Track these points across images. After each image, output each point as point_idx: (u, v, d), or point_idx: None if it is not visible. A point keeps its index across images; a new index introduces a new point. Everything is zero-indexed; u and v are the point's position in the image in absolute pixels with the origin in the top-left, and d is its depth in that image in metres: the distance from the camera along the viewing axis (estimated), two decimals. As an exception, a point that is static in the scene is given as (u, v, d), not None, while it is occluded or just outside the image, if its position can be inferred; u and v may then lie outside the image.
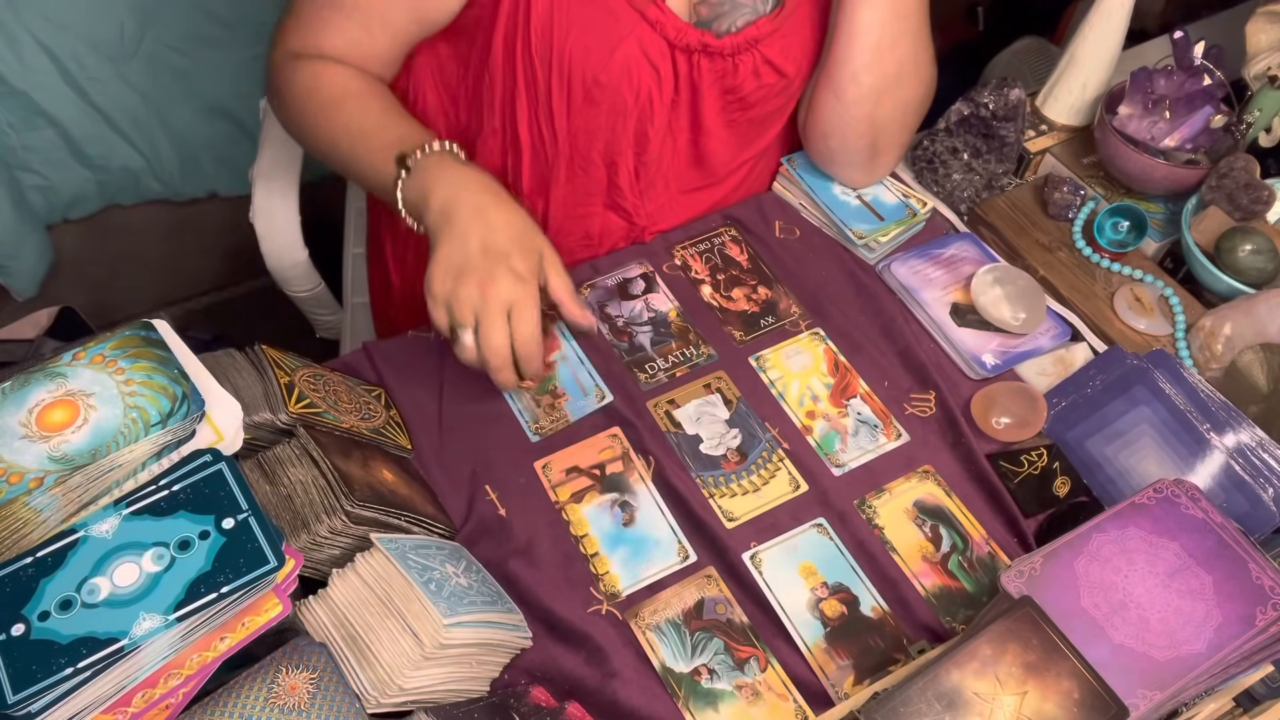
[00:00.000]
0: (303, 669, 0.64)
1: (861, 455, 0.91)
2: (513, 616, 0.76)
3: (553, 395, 0.93)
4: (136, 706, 0.60)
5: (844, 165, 1.05)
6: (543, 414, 0.92)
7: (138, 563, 0.62)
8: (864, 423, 0.93)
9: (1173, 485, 0.76)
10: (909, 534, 0.86)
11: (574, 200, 1.04)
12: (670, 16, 0.91)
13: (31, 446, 0.65)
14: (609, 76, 0.92)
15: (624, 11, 0.90)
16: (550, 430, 0.91)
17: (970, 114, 1.09)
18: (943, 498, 0.89)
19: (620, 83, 0.92)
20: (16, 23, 1.67)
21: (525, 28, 0.90)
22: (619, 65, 0.91)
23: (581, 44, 0.90)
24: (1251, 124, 1.07)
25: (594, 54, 0.91)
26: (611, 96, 0.94)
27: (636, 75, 0.93)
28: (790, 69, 0.98)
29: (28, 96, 1.74)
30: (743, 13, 0.94)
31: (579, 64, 0.91)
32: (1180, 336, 0.98)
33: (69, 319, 1.70)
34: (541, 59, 0.91)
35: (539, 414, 0.92)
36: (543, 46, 0.90)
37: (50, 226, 1.94)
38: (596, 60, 0.91)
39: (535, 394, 0.93)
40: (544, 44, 0.90)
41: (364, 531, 0.75)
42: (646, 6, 0.90)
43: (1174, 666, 0.67)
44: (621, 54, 0.91)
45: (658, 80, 0.94)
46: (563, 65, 0.91)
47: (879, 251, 1.05)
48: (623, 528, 0.85)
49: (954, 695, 0.64)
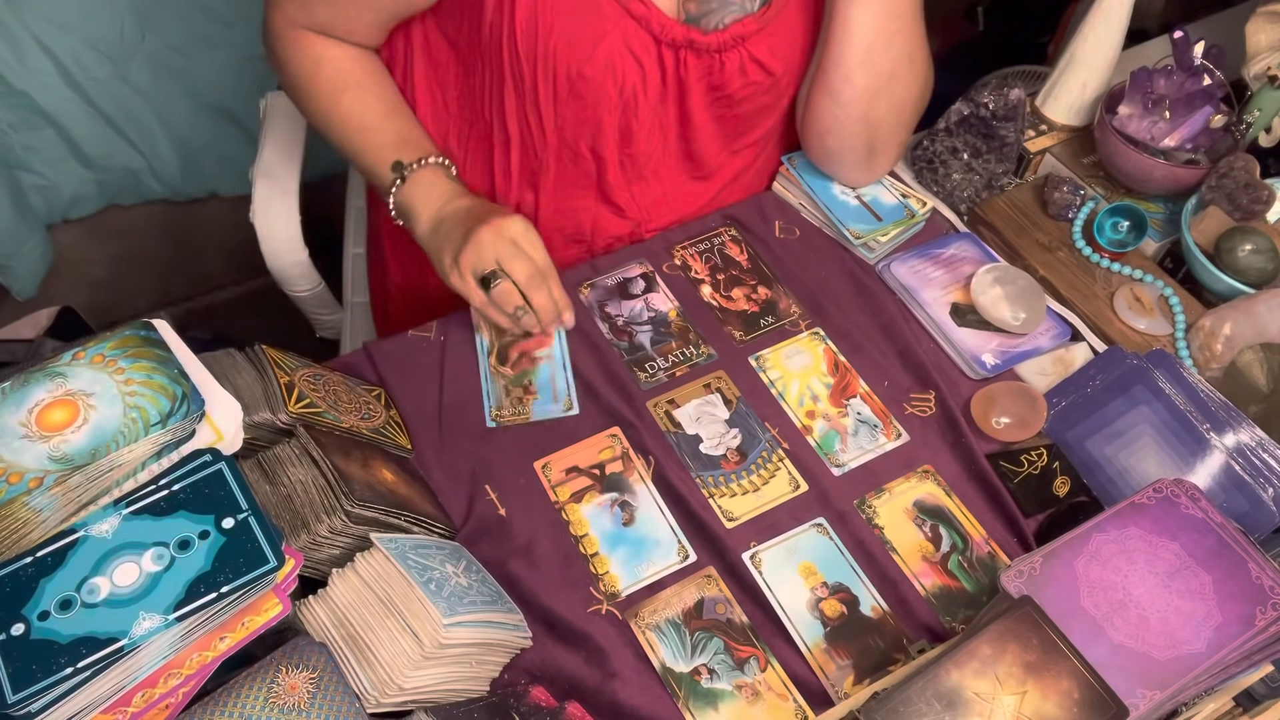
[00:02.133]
0: (303, 669, 0.64)
1: (861, 455, 0.91)
2: (513, 616, 0.76)
3: (524, 389, 0.93)
4: (136, 706, 0.60)
5: (842, 165, 1.05)
6: (508, 403, 0.92)
7: (138, 562, 0.62)
8: (864, 423, 0.93)
9: (1172, 485, 0.76)
10: (909, 534, 0.86)
11: (564, 193, 1.04)
12: (655, 12, 0.91)
13: (31, 446, 0.65)
14: (593, 70, 0.92)
15: (609, 6, 0.90)
16: (507, 421, 0.91)
17: (970, 114, 1.09)
18: (943, 498, 0.89)
19: (604, 77, 0.93)
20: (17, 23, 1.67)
21: (511, 20, 0.90)
22: (602, 59, 0.91)
23: (565, 37, 0.90)
24: (1251, 124, 1.07)
25: (578, 47, 0.91)
26: (595, 90, 0.94)
27: (620, 69, 0.93)
28: (778, 67, 0.98)
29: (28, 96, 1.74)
30: (730, 10, 0.94)
31: (563, 57, 0.91)
32: (1180, 336, 0.98)
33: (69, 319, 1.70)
34: (526, 51, 0.91)
35: (505, 402, 0.92)
36: (527, 39, 0.90)
37: (50, 226, 1.94)
38: (580, 54, 0.91)
39: (509, 384, 0.93)
40: (529, 36, 0.90)
41: (364, 531, 0.75)
42: (631, 2, 0.90)
43: (1174, 666, 0.67)
44: (605, 48, 0.91)
45: (642, 75, 0.94)
46: (547, 58, 0.91)
47: (879, 251, 1.05)
48: (622, 528, 0.86)
49: (954, 695, 0.64)
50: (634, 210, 1.06)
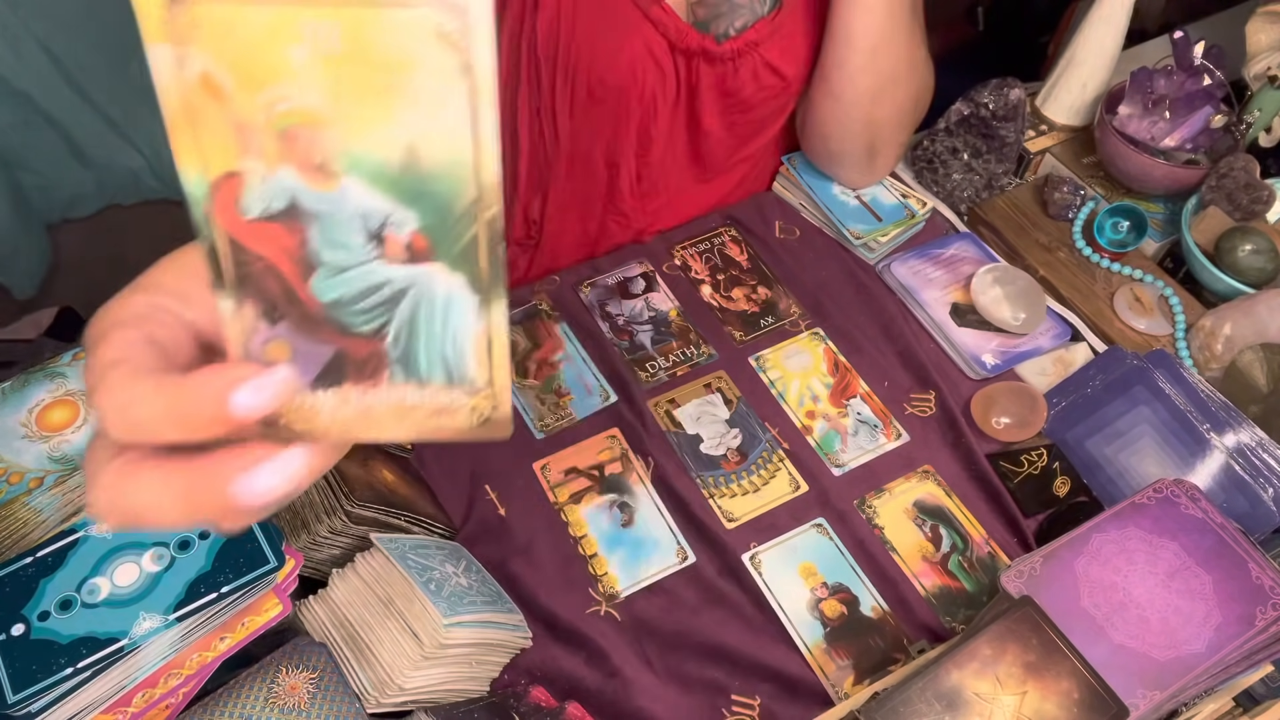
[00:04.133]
0: (303, 669, 0.64)
1: (861, 455, 0.91)
2: (513, 616, 0.76)
3: (557, 394, 0.93)
4: (136, 706, 0.60)
5: (843, 166, 1.05)
6: (548, 412, 0.92)
7: (138, 562, 0.62)
8: (864, 423, 0.93)
9: (1172, 485, 0.76)
10: (909, 534, 0.86)
11: (572, 201, 1.04)
12: (672, 17, 0.91)
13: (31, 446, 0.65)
14: (614, 76, 0.92)
15: (628, 10, 0.90)
16: (555, 428, 0.91)
17: (970, 114, 1.09)
18: (943, 498, 0.89)
19: (626, 82, 0.93)
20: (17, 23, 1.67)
21: (532, 26, 0.90)
22: (625, 65, 0.91)
23: (588, 43, 0.90)
24: (1251, 124, 1.07)
25: (600, 53, 0.91)
26: (616, 96, 0.94)
27: (641, 75, 0.93)
28: (790, 71, 0.98)
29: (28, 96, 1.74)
30: (740, 14, 0.94)
31: (584, 63, 0.91)
32: (1180, 336, 0.98)
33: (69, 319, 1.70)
34: (547, 57, 0.91)
35: (544, 411, 0.92)
36: (549, 45, 0.90)
37: (50, 226, 1.94)
38: (602, 59, 0.91)
39: (540, 393, 0.93)
40: (550, 42, 0.90)
41: (364, 531, 0.75)
42: (650, 6, 0.90)
43: (1174, 666, 0.67)
44: (627, 53, 0.91)
45: (662, 80, 0.94)
46: (568, 64, 0.91)
47: (879, 251, 1.05)
48: (621, 529, 0.86)
49: (954, 695, 0.64)
50: (640, 217, 1.06)
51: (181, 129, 0.27)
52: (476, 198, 0.29)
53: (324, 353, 0.31)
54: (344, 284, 0.30)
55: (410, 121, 0.27)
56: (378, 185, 0.28)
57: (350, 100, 0.27)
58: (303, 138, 0.28)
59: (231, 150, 0.28)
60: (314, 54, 0.27)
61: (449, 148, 0.28)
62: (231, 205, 0.29)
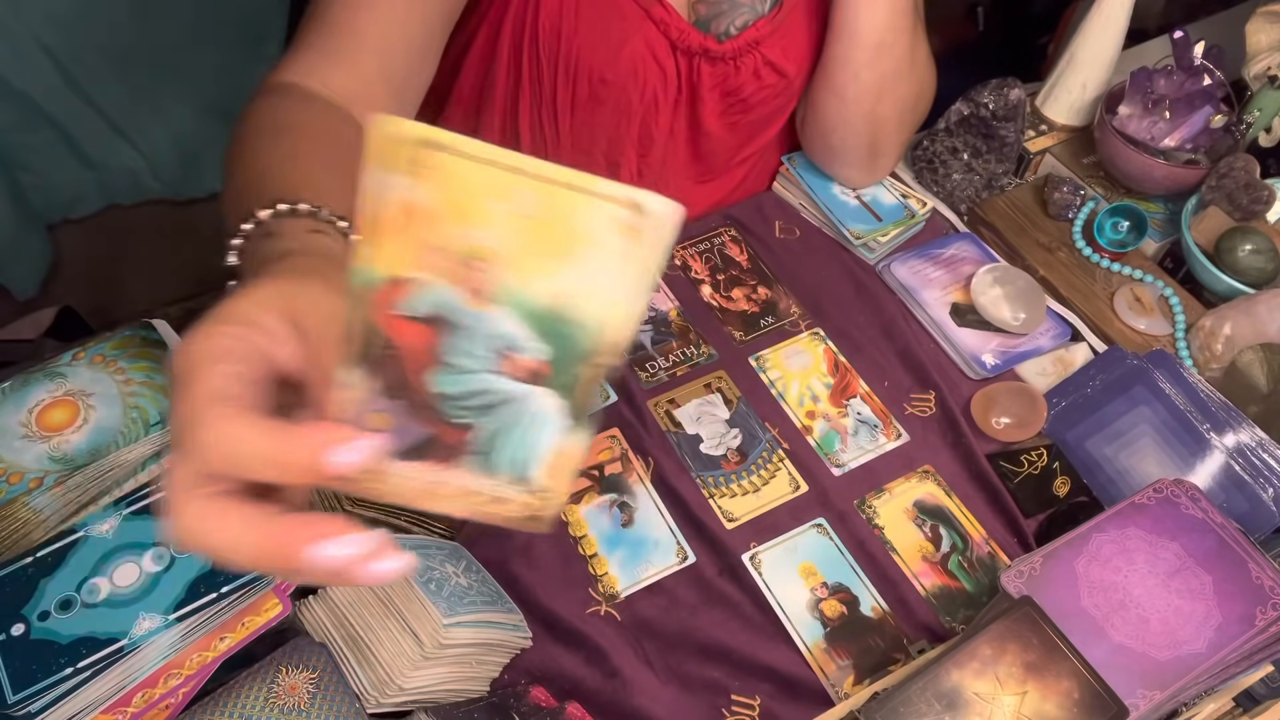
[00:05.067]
0: (303, 669, 0.64)
1: (861, 455, 0.91)
2: (513, 616, 0.76)
3: None
4: (136, 706, 0.60)
5: (845, 164, 1.05)
6: None
7: (138, 563, 0.62)
8: (864, 423, 0.93)
9: (1173, 485, 0.76)
10: (909, 534, 0.86)
11: None
12: (674, 16, 0.91)
13: (31, 446, 0.65)
14: (615, 74, 0.92)
15: (630, 9, 0.90)
16: None
17: (970, 114, 1.09)
18: (943, 498, 0.89)
19: (626, 81, 0.92)
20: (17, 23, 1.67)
21: (534, 24, 0.90)
22: (626, 63, 0.91)
23: (589, 41, 0.90)
24: (1251, 124, 1.07)
25: (601, 51, 0.90)
26: (617, 95, 0.93)
27: (642, 74, 0.93)
28: (791, 69, 0.98)
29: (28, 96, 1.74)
30: (741, 12, 0.94)
31: (586, 61, 0.91)
32: (1180, 336, 0.98)
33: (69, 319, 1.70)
34: (548, 55, 0.91)
35: None
36: (550, 43, 0.90)
37: (50, 226, 1.94)
38: (603, 58, 0.91)
39: None
40: (551, 40, 0.90)
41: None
42: (651, 5, 0.90)
43: (1174, 666, 0.67)
44: (628, 52, 0.91)
45: (663, 79, 0.94)
46: (569, 62, 0.91)
47: (879, 251, 1.05)
48: (621, 529, 0.85)
49: (954, 695, 0.64)
50: None
51: (372, 231, 0.32)
52: (601, 351, 0.34)
53: (418, 433, 0.35)
54: (458, 383, 0.35)
55: (571, 281, 0.33)
56: (523, 317, 0.33)
57: (528, 252, 0.32)
58: (477, 267, 0.33)
59: (410, 261, 0.32)
60: (511, 210, 0.32)
61: (597, 313, 0.33)
62: (389, 301, 0.33)
